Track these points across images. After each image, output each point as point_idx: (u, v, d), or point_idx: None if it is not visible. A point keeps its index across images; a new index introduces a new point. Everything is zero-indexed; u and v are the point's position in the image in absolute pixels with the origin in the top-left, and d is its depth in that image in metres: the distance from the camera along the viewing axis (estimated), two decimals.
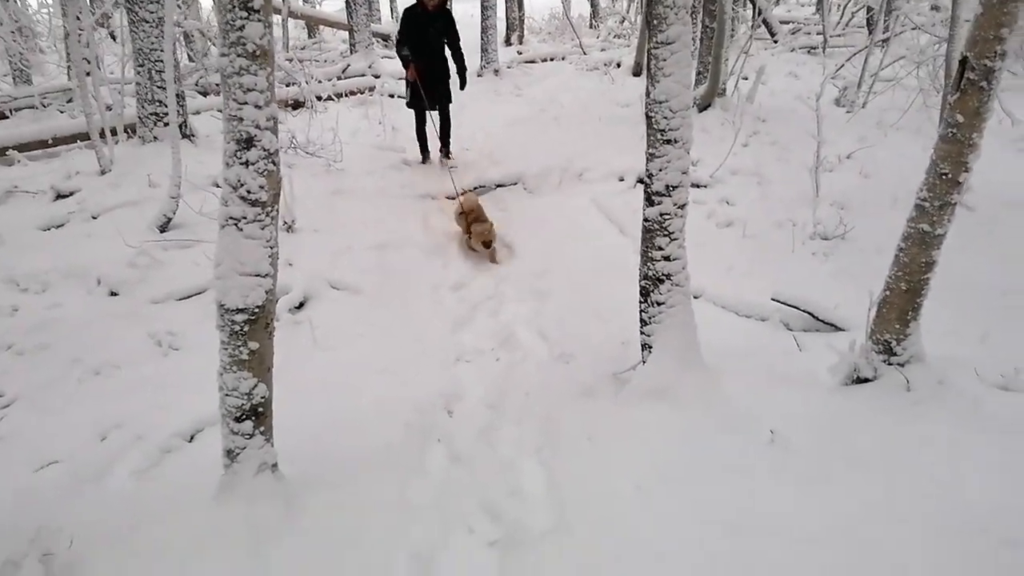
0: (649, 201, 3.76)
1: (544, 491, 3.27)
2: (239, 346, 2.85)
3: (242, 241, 2.73)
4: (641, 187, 7.32)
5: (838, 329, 4.68)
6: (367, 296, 5.56)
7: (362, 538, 2.94)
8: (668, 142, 3.60)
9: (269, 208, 2.76)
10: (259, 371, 2.95)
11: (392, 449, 3.73)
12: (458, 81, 8.09)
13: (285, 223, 6.13)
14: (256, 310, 2.82)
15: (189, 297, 5.27)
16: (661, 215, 3.72)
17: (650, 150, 3.69)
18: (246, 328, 2.82)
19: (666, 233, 3.75)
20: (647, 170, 3.74)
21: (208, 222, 6.01)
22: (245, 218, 2.71)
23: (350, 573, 2.74)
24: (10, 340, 4.69)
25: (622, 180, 7.59)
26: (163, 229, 5.98)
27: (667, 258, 3.79)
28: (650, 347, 3.94)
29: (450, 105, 8.15)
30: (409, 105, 8.00)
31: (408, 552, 2.87)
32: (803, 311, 4.85)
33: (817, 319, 4.80)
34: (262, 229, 2.75)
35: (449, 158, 8.27)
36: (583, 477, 3.28)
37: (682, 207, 3.74)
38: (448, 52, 7.89)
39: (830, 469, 3.08)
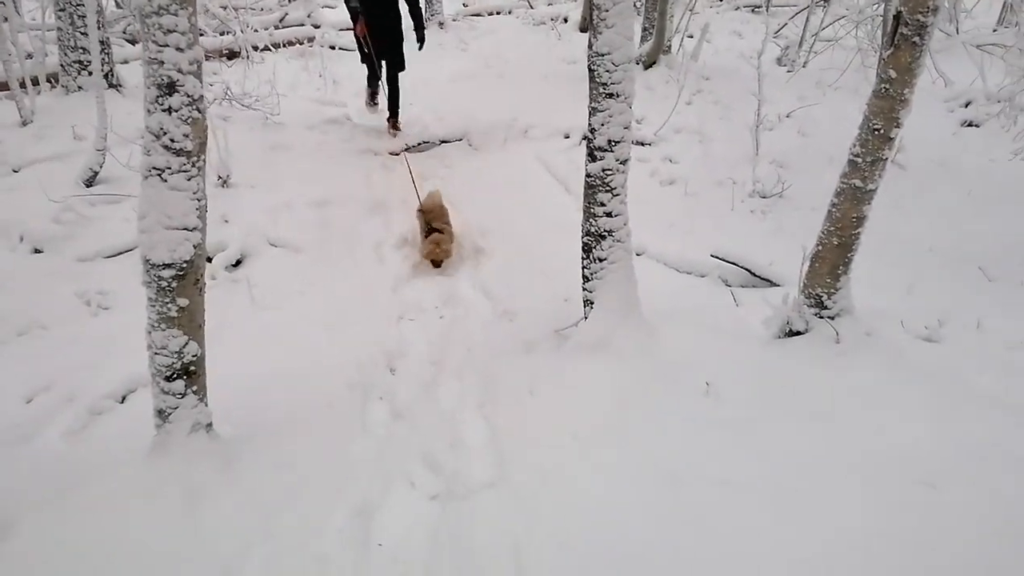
0: (591, 156, 3.75)
1: (485, 444, 3.29)
2: (167, 303, 2.75)
3: (167, 193, 2.62)
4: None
5: (773, 284, 4.80)
6: (308, 254, 5.44)
7: (301, 495, 2.92)
8: (610, 96, 3.58)
9: (195, 158, 2.64)
10: (189, 328, 2.86)
11: (333, 407, 3.70)
12: (416, 39, 7.45)
13: (220, 178, 5.91)
14: (184, 265, 2.72)
15: (119, 255, 5.06)
16: (603, 171, 3.71)
17: (592, 104, 3.67)
18: (174, 284, 2.73)
19: (608, 189, 3.75)
20: (589, 125, 3.72)
21: (137, 176, 5.73)
22: (169, 168, 2.60)
23: (288, 530, 2.71)
24: None
25: (567, 137, 7.55)
26: (89, 183, 5.70)
27: (609, 214, 3.80)
28: (592, 303, 3.96)
29: (401, 73, 7.53)
30: (363, 62, 7.54)
31: (349, 508, 2.86)
32: (740, 267, 4.96)
33: (754, 275, 4.92)
34: (188, 180, 2.64)
35: (397, 129, 7.78)
36: (523, 430, 3.32)
37: (624, 163, 3.73)
38: (402, 5, 7.25)
39: (762, 418, 3.18)
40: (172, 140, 2.56)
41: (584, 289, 4.03)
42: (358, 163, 7.04)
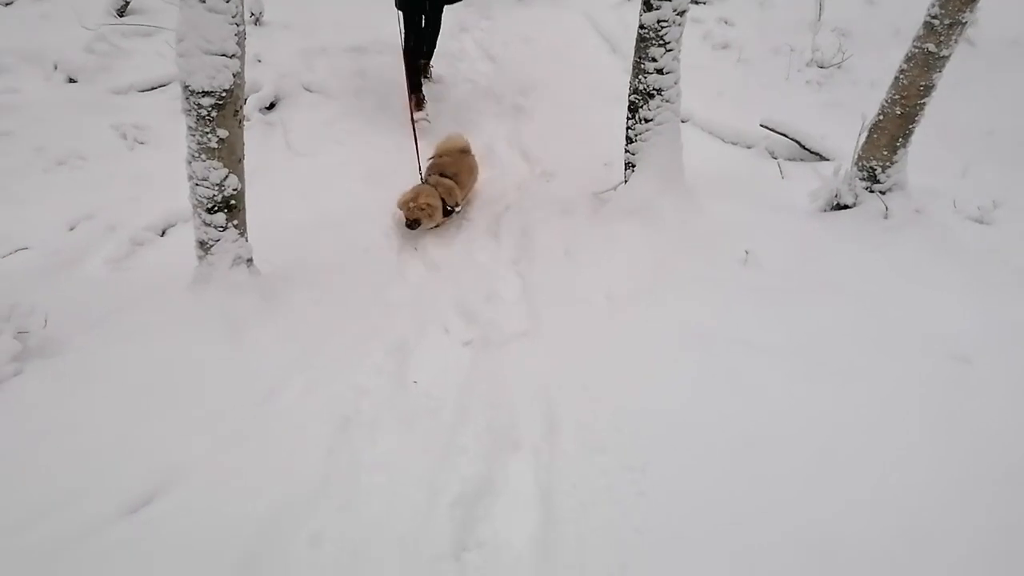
0: (647, 5, 3.51)
1: (518, 299, 3.33)
2: (207, 133, 2.71)
3: (206, 15, 2.51)
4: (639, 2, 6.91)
5: (823, 159, 4.62)
6: (343, 102, 5.30)
7: (338, 332, 3.00)
8: None
9: None
10: (229, 161, 2.83)
11: (370, 253, 3.73)
12: None
13: (252, 15, 5.69)
14: (223, 94, 2.65)
15: (153, 89, 4.98)
16: (658, 22, 3.49)
17: None
18: (213, 113, 2.67)
19: (662, 43, 3.53)
20: None
21: (170, 8, 5.53)
22: None
23: (327, 362, 2.81)
24: None
25: None
26: (121, 13, 5.52)
27: (660, 71, 3.61)
28: (633, 166, 3.86)
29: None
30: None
31: (385, 347, 2.94)
32: (790, 139, 4.76)
33: (804, 147, 4.73)
34: (227, 2, 2.52)
35: (428, 77, 5.76)
36: (557, 287, 3.33)
37: (681, 14, 3.50)
38: None
39: (798, 289, 3.15)
40: None
41: (626, 151, 3.91)
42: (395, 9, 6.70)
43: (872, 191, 3.48)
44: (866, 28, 6.47)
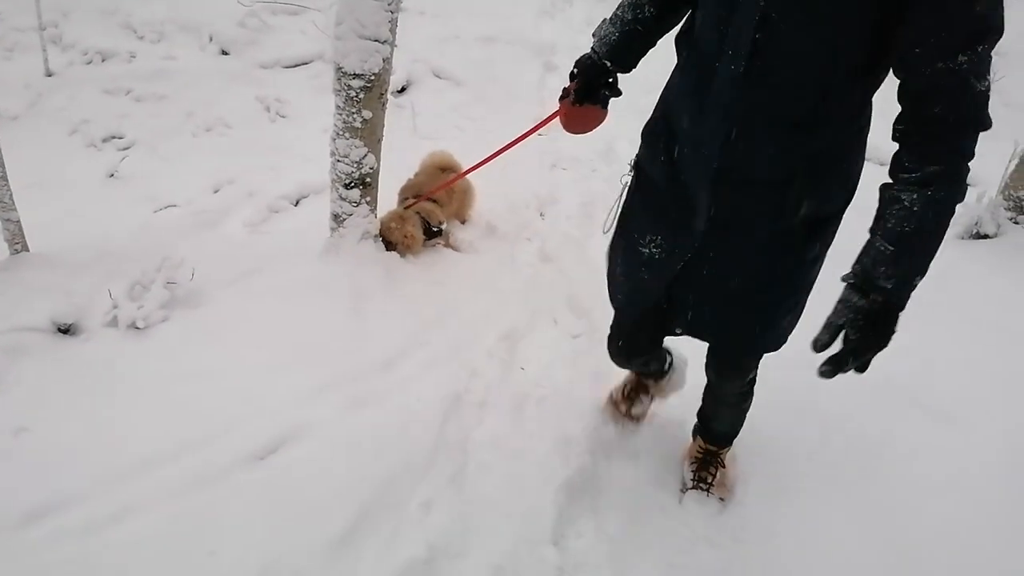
0: None
1: None
2: (353, 113, 2.87)
3: (364, 1, 2.64)
4: None
5: None
6: (469, 89, 5.45)
7: (453, 313, 3.11)
8: None
9: None
10: (370, 141, 2.98)
11: (483, 240, 3.84)
12: None
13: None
14: (372, 77, 2.79)
15: (296, 66, 5.28)
16: None
17: None
18: (361, 95, 2.82)
19: None
20: None
21: None
22: None
23: (442, 340, 2.92)
24: (129, 85, 4.85)
25: None
26: None
27: None
28: None
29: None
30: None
31: (497, 330, 3.03)
32: None
33: None
34: None
35: None
36: None
37: None
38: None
39: (936, 319, 3.01)
40: None
41: None
42: (527, 2, 6.81)
43: (1018, 223, 3.28)
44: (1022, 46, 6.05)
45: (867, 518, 2.20)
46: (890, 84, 1.45)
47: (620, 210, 2.00)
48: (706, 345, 2.04)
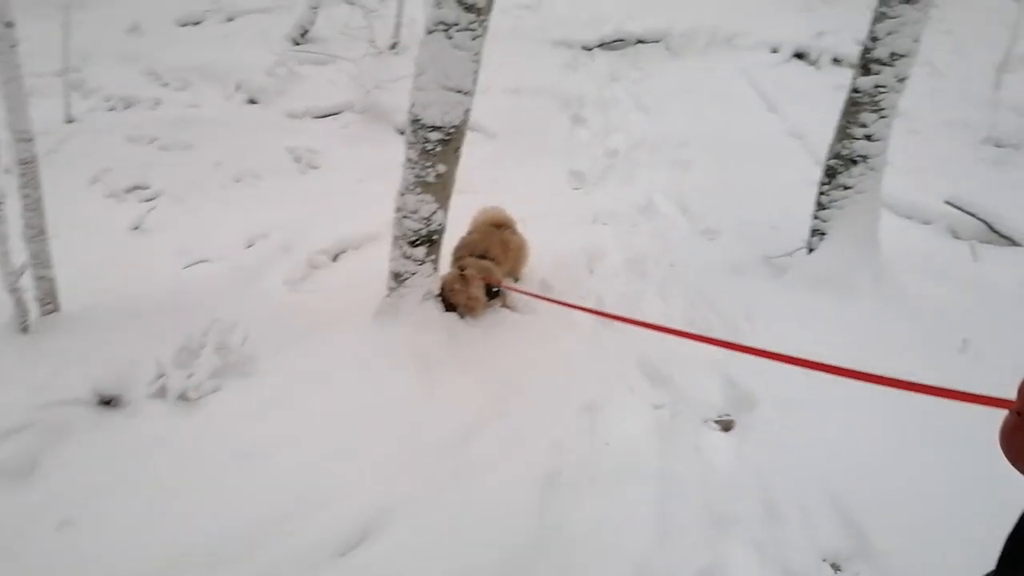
0: (865, 69, 3.34)
1: (707, 366, 3.13)
2: (428, 167, 2.69)
3: (451, 51, 2.49)
4: (796, 62, 6.74)
5: (1014, 243, 4.29)
6: (501, 141, 5.34)
7: (525, 378, 2.89)
8: (907, 1, 3.13)
9: (484, 17, 2.49)
10: (441, 197, 2.81)
11: (543, 288, 3.66)
12: None
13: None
14: (452, 130, 2.63)
15: (326, 116, 5.13)
16: (876, 86, 3.32)
17: (881, 8, 3.23)
18: (438, 148, 2.65)
19: (876, 108, 3.36)
20: (871, 33, 3.30)
21: (344, 39, 5.75)
22: (458, 24, 2.46)
23: (519, 410, 2.69)
24: (153, 133, 4.65)
25: (775, 52, 6.95)
26: (298, 42, 5.75)
27: (869, 137, 3.42)
28: (822, 233, 3.65)
29: None
30: None
31: (575, 401, 2.80)
32: (979, 219, 4.44)
33: (993, 230, 4.40)
34: (472, 40, 2.51)
35: None
36: (742, 356, 3.12)
37: (902, 81, 3.32)
38: None
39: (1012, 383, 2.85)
40: None
41: (816, 217, 3.71)
42: (551, 54, 6.77)
43: None
44: None
45: None
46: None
47: None
48: None
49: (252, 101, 5.08)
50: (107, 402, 2.48)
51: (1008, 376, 2.86)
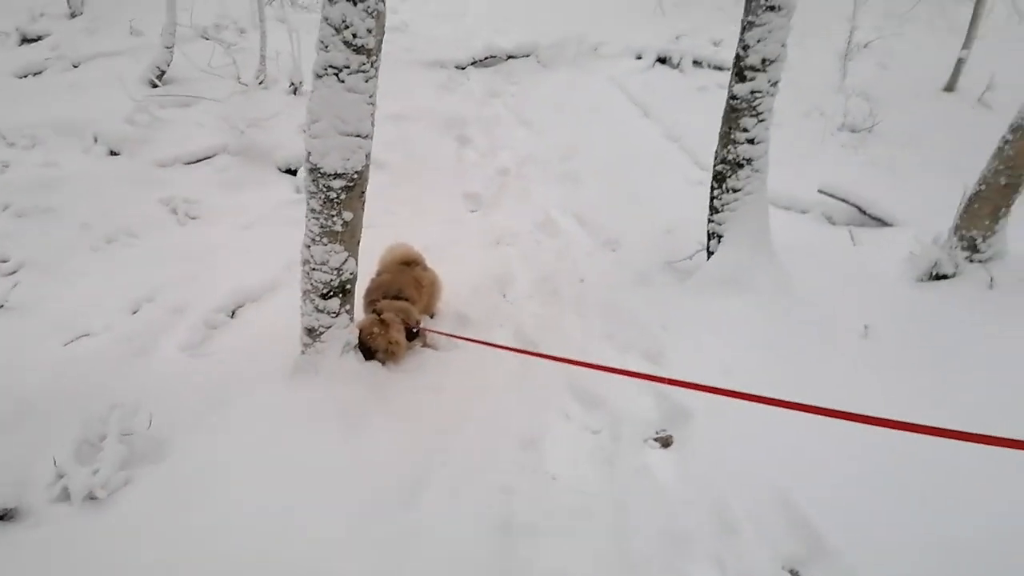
0: (740, 76, 3.50)
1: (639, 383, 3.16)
2: (333, 216, 2.56)
3: (343, 95, 2.38)
4: (660, 67, 7.01)
5: (884, 224, 4.63)
6: (391, 170, 5.20)
7: (459, 419, 2.80)
8: (772, 8, 3.30)
9: (374, 57, 2.40)
10: (350, 244, 2.68)
11: (460, 321, 3.59)
12: None
13: (292, 84, 5.59)
14: (355, 176, 2.51)
15: (198, 161, 4.81)
16: (752, 92, 3.48)
17: (749, 18, 3.40)
18: (342, 196, 2.53)
19: (754, 113, 3.52)
20: (741, 41, 3.46)
21: (206, 78, 5.41)
22: (348, 67, 2.36)
23: (461, 448, 2.60)
24: (5, 199, 4.19)
25: (640, 58, 7.20)
26: (155, 84, 5.37)
27: (751, 141, 3.59)
28: (719, 236, 3.79)
29: None
30: None
31: (513, 436, 2.75)
32: (851, 204, 4.76)
33: (864, 213, 4.73)
34: (366, 82, 2.41)
35: None
36: (668, 365, 3.19)
37: (775, 84, 3.50)
38: None
39: (916, 362, 3.06)
40: (354, 35, 2.31)
41: (711, 220, 3.84)
42: (426, 76, 6.70)
43: (973, 261, 3.45)
44: (885, 91, 6.65)
45: None
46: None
47: None
48: None
49: (114, 153, 4.68)
50: (2, 516, 2.19)
51: (911, 356, 3.04)
